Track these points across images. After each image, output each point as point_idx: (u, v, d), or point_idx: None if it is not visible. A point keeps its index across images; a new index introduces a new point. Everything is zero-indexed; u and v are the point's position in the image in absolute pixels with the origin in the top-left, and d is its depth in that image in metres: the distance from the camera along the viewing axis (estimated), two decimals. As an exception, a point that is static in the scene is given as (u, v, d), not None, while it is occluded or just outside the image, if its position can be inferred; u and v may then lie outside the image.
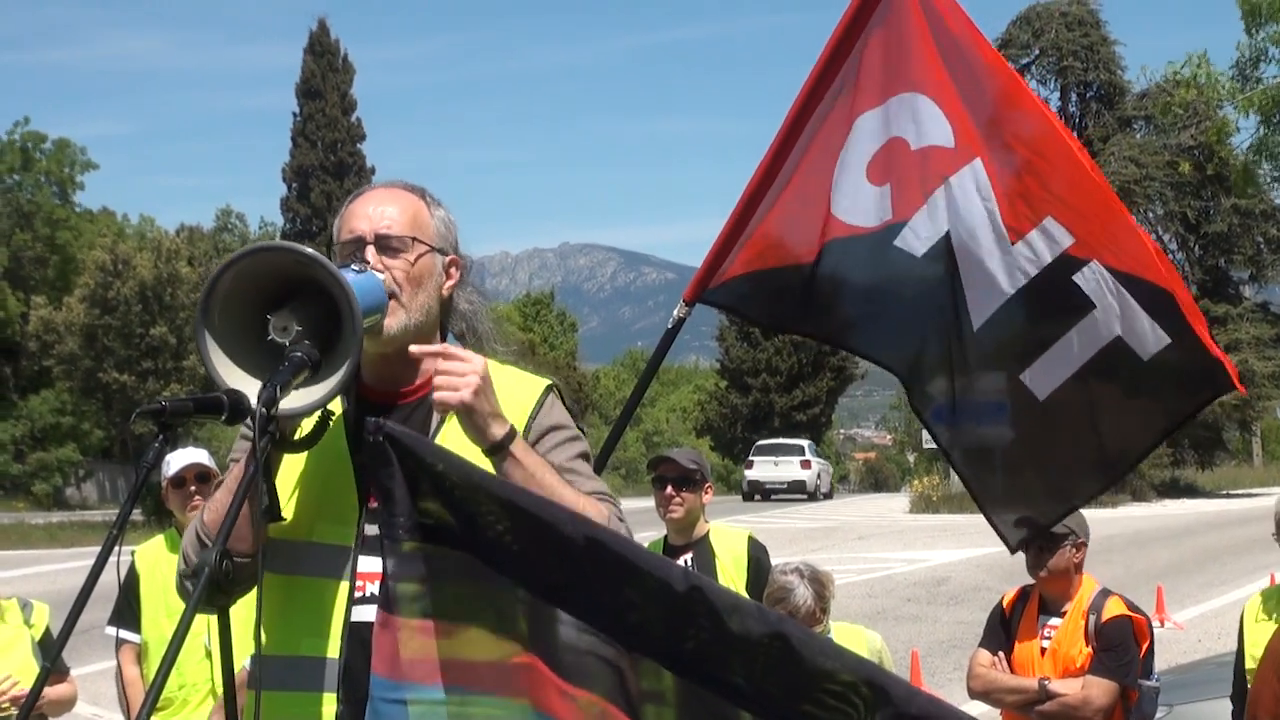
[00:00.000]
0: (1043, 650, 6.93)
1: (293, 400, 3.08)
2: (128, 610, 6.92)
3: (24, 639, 6.69)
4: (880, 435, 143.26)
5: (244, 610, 3.13)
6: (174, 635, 2.74)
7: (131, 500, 3.02)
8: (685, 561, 7.07)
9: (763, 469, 56.56)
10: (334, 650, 3.32)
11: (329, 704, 3.30)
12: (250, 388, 3.09)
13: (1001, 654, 7.02)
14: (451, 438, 3.34)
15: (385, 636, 2.98)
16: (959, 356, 5.86)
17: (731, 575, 7.05)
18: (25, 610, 6.80)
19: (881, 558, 28.66)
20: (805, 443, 59.94)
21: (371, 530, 3.37)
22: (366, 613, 3.30)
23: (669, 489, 7.17)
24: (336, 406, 3.32)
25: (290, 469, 3.35)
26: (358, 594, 3.35)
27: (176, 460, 6.87)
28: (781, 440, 60.31)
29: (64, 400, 61.28)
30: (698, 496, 7.21)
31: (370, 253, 3.47)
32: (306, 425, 3.26)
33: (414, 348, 3.39)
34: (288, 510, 3.21)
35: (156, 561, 6.93)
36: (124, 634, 7.09)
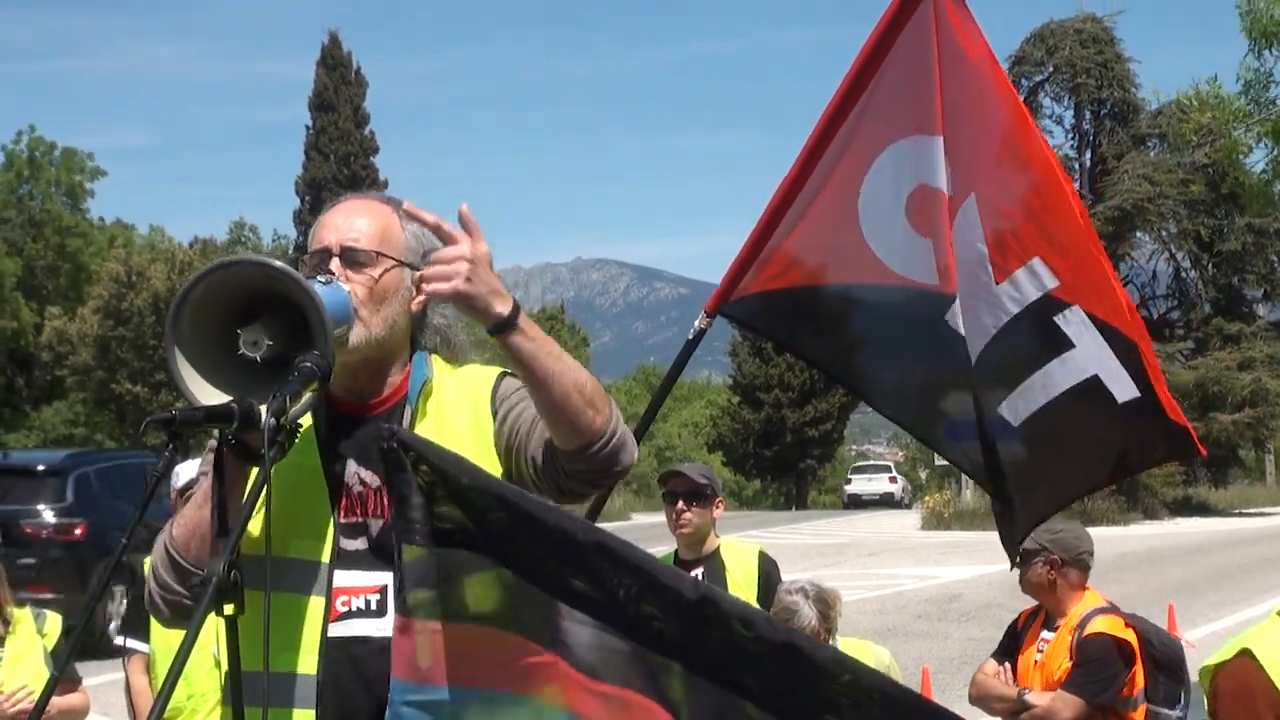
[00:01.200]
0: (1035, 662, 7.03)
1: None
2: (137, 620, 6.92)
3: (36, 649, 6.70)
4: (892, 452, 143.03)
5: (216, 626, 3.10)
6: (181, 645, 2.73)
7: (141, 510, 3.01)
8: (697, 576, 7.07)
9: (859, 484, 72.72)
10: (310, 667, 3.29)
11: None
12: (220, 402, 3.09)
13: (1007, 664, 7.14)
14: (434, 436, 3.29)
15: (404, 641, 2.99)
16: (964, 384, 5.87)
17: (742, 590, 7.04)
18: (39, 620, 6.81)
19: (893, 574, 28.62)
20: (890, 463, 76.03)
21: (349, 545, 3.36)
22: (349, 628, 3.29)
23: (680, 504, 7.16)
24: (305, 420, 3.28)
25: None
26: (341, 608, 3.33)
27: (185, 471, 6.86)
28: (873, 461, 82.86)
29: (77, 411, 61.42)
30: (708, 511, 7.20)
31: (335, 265, 3.44)
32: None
33: (407, 205, 3.38)
34: (257, 527, 3.16)
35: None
36: (132, 643, 7.10)
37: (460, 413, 3.48)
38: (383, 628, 3.21)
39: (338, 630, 3.31)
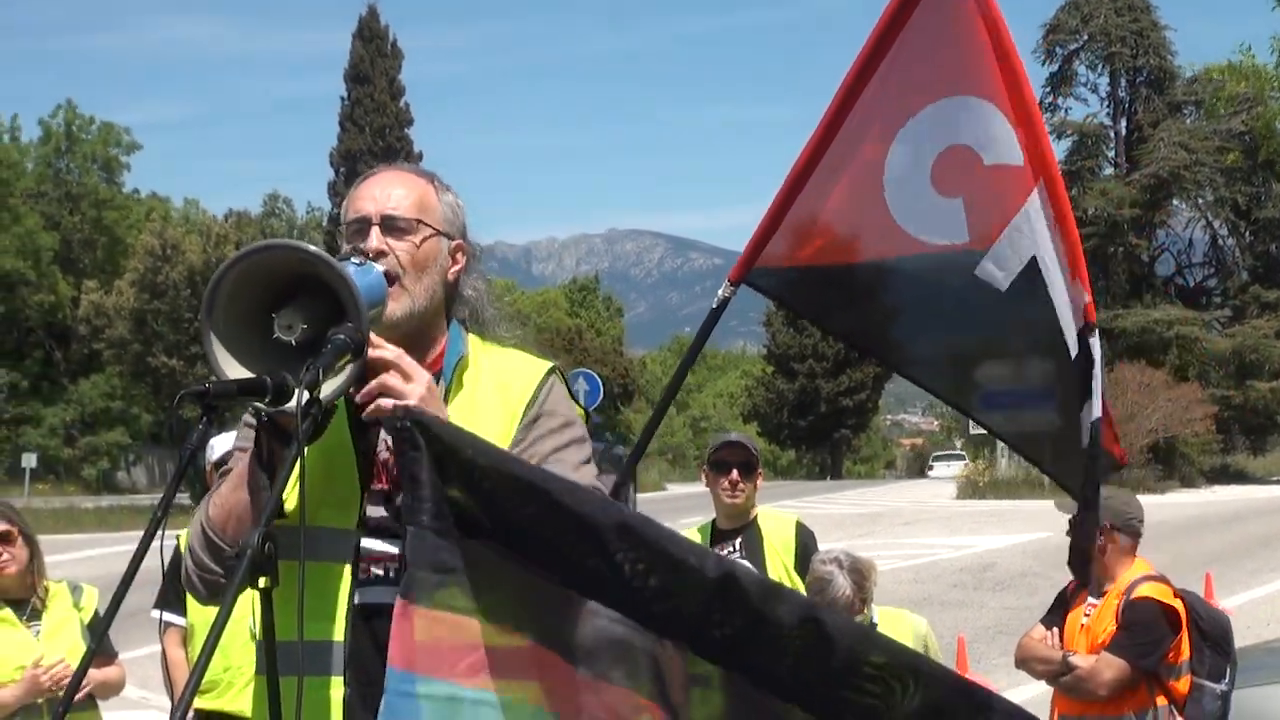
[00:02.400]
0: (1082, 626, 7.04)
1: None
2: (172, 593, 6.95)
3: (73, 622, 6.73)
4: (927, 421, 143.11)
5: (251, 599, 3.11)
6: (217, 618, 2.73)
7: (175, 483, 3.01)
8: (734, 546, 7.07)
9: (941, 470, 75.78)
10: (339, 634, 3.31)
11: (336, 688, 3.28)
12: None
13: (1055, 629, 7.15)
14: (460, 417, 3.29)
15: (403, 625, 2.93)
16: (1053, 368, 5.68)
17: (780, 559, 7.03)
18: (75, 594, 6.83)
19: (928, 543, 28.59)
20: (964, 454, 76.53)
21: (374, 512, 3.36)
22: (371, 595, 3.30)
23: (735, 474, 7.13)
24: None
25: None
26: (362, 577, 3.34)
27: (220, 444, 6.87)
28: (951, 451, 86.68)
29: (113, 384, 61.76)
30: (755, 482, 7.20)
31: (375, 234, 3.44)
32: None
33: (373, 352, 3.25)
34: (291, 499, 3.17)
35: (202, 545, 6.94)
36: (169, 617, 7.12)
37: (492, 395, 3.48)
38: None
39: (361, 597, 3.33)
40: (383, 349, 3.26)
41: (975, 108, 5.59)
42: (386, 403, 3.19)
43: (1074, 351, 5.35)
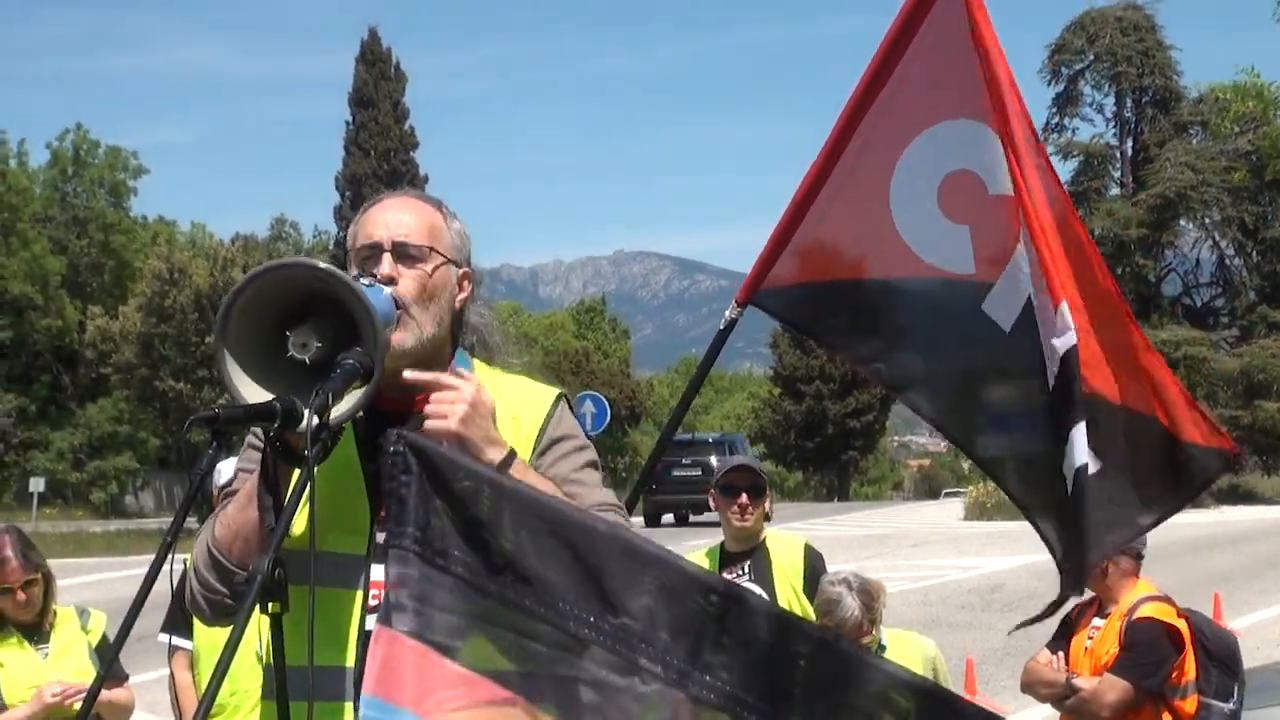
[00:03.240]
0: (1085, 649, 7.05)
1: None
2: (180, 617, 6.95)
3: (81, 645, 6.75)
4: (934, 442, 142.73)
5: (259, 623, 3.11)
6: (227, 642, 2.74)
7: (185, 508, 3.02)
8: (743, 569, 7.07)
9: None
10: (350, 660, 3.31)
11: (348, 713, 3.26)
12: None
13: (1060, 653, 7.16)
14: None
15: (376, 650, 2.90)
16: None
17: (789, 582, 7.03)
18: (83, 617, 6.85)
19: (936, 565, 28.54)
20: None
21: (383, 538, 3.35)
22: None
23: (744, 497, 7.13)
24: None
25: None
26: (373, 601, 3.32)
27: (227, 468, 6.86)
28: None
29: (121, 409, 61.81)
30: (764, 505, 7.19)
31: (387, 261, 3.44)
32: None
33: (408, 374, 3.33)
34: (299, 523, 3.18)
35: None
36: (176, 640, 7.12)
37: (501, 424, 3.46)
38: None
39: (370, 624, 3.29)
40: (418, 375, 3.32)
41: (978, 133, 5.55)
42: (433, 424, 3.23)
43: (1051, 387, 5.24)
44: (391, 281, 3.41)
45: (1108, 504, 5.28)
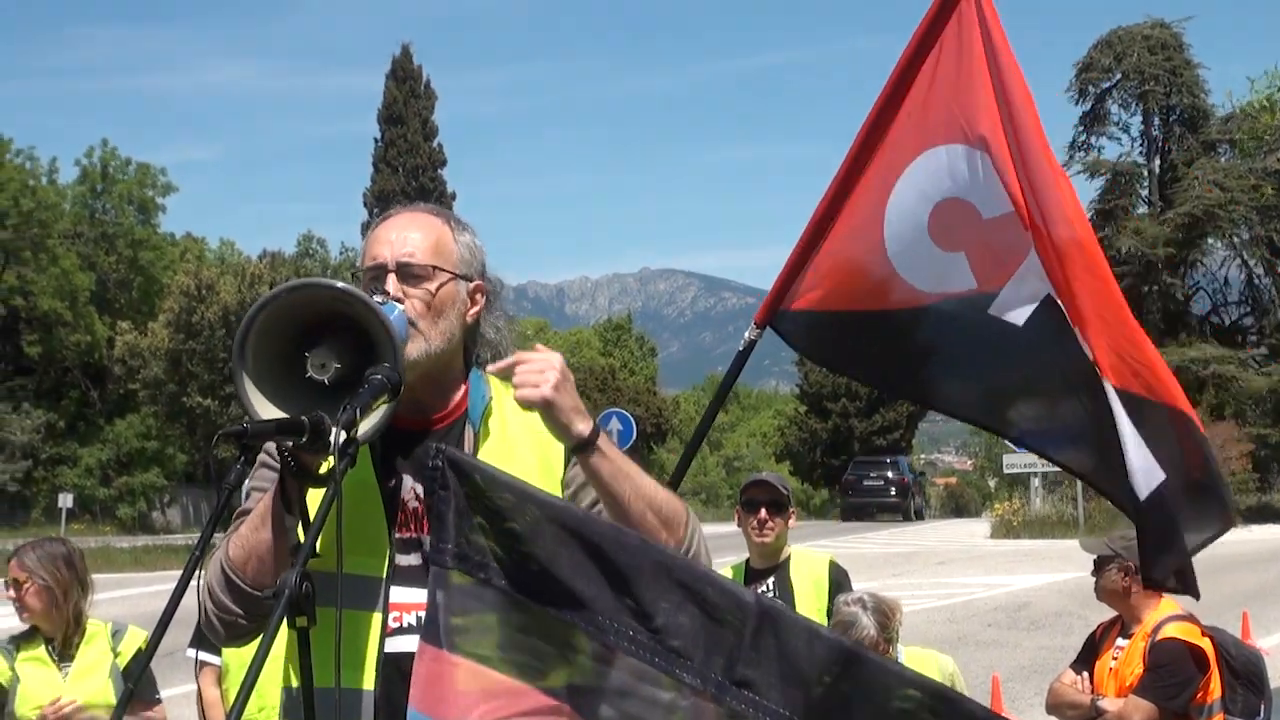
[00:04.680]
0: (1110, 669, 7.03)
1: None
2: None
3: (105, 665, 6.67)
4: (961, 460, 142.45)
5: (283, 635, 3.10)
6: (254, 657, 2.75)
7: (213, 523, 3.02)
8: (768, 585, 7.07)
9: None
10: (369, 683, 3.29)
11: None
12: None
13: (1085, 673, 7.14)
14: (492, 460, 3.26)
15: (423, 669, 2.91)
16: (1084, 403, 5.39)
17: (812, 599, 7.03)
18: (115, 637, 6.76)
19: (963, 583, 28.47)
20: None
21: (404, 561, 3.36)
22: (401, 644, 3.28)
23: (763, 512, 7.15)
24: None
25: (314, 501, 3.22)
26: (394, 624, 3.33)
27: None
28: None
29: (149, 425, 61.96)
30: (786, 521, 7.20)
31: (391, 281, 3.44)
32: (330, 459, 3.12)
33: (491, 368, 3.36)
34: (320, 542, 3.16)
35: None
36: (204, 656, 7.11)
37: (525, 441, 3.48)
38: None
39: (391, 646, 3.31)
40: (501, 363, 3.34)
41: (967, 158, 5.47)
42: (525, 393, 3.25)
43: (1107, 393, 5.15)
44: (398, 301, 3.41)
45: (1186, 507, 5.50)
